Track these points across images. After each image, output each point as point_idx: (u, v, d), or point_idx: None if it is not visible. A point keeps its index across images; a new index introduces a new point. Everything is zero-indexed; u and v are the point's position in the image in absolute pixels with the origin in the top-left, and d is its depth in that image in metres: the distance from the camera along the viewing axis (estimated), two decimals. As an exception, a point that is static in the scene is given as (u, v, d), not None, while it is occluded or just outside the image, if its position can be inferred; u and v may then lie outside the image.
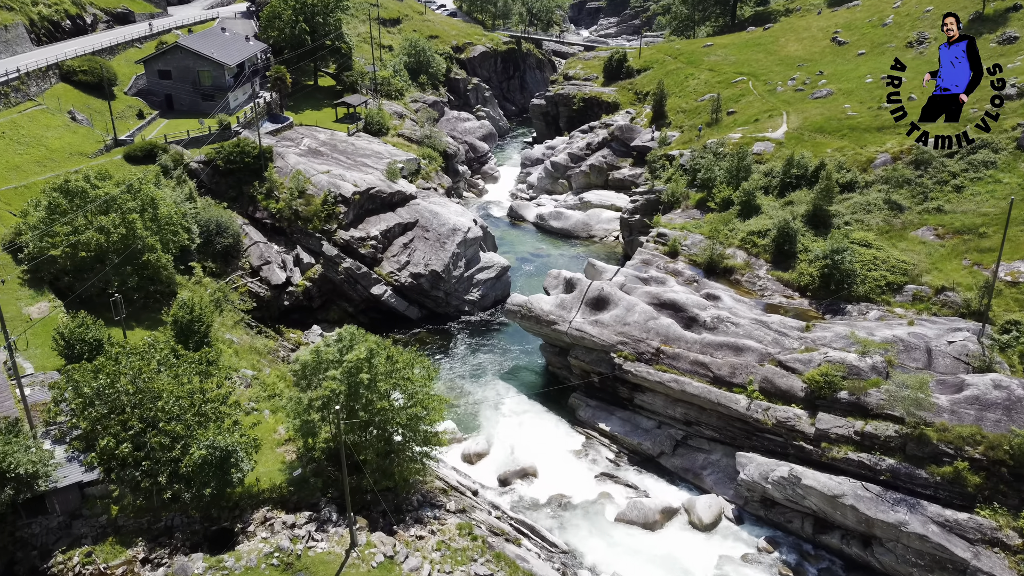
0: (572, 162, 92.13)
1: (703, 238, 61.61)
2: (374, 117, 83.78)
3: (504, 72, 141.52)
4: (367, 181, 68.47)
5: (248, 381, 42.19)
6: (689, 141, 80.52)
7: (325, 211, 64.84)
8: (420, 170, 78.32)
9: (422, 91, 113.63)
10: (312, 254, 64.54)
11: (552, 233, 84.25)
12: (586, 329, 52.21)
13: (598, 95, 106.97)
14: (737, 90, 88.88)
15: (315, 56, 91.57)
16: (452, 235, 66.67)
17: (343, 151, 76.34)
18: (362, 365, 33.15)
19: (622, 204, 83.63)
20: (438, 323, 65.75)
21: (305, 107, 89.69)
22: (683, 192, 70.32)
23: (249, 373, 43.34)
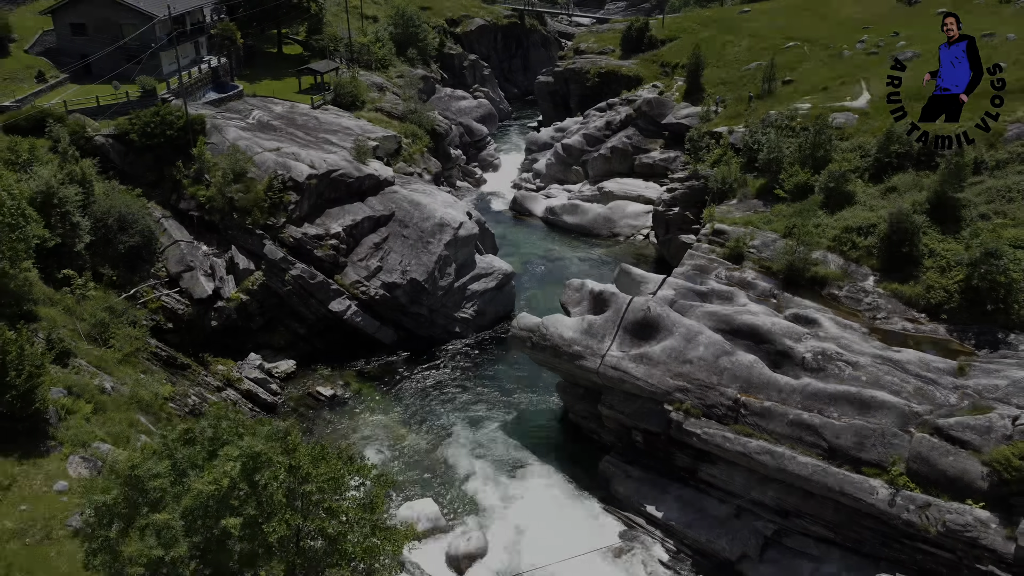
0: (588, 145, 76.07)
1: (777, 236, 45.52)
2: (345, 87, 67.72)
3: (505, 49, 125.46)
4: (329, 162, 52.40)
5: (98, 464, 26.00)
6: (737, 116, 64.42)
7: (270, 200, 48.73)
8: (401, 150, 62.26)
9: (411, 66, 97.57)
10: (252, 257, 48.47)
11: (566, 231, 68.20)
12: (627, 368, 36.18)
13: (616, 69, 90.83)
14: (791, 56, 72.80)
15: (277, 17, 75.53)
16: (439, 232, 50.59)
17: (302, 126, 60.24)
18: (232, 494, 16.56)
19: (652, 195, 67.59)
20: (420, 349, 49.67)
21: (264, 76, 73.56)
22: (738, 177, 54.22)
23: (105, 448, 27.16)
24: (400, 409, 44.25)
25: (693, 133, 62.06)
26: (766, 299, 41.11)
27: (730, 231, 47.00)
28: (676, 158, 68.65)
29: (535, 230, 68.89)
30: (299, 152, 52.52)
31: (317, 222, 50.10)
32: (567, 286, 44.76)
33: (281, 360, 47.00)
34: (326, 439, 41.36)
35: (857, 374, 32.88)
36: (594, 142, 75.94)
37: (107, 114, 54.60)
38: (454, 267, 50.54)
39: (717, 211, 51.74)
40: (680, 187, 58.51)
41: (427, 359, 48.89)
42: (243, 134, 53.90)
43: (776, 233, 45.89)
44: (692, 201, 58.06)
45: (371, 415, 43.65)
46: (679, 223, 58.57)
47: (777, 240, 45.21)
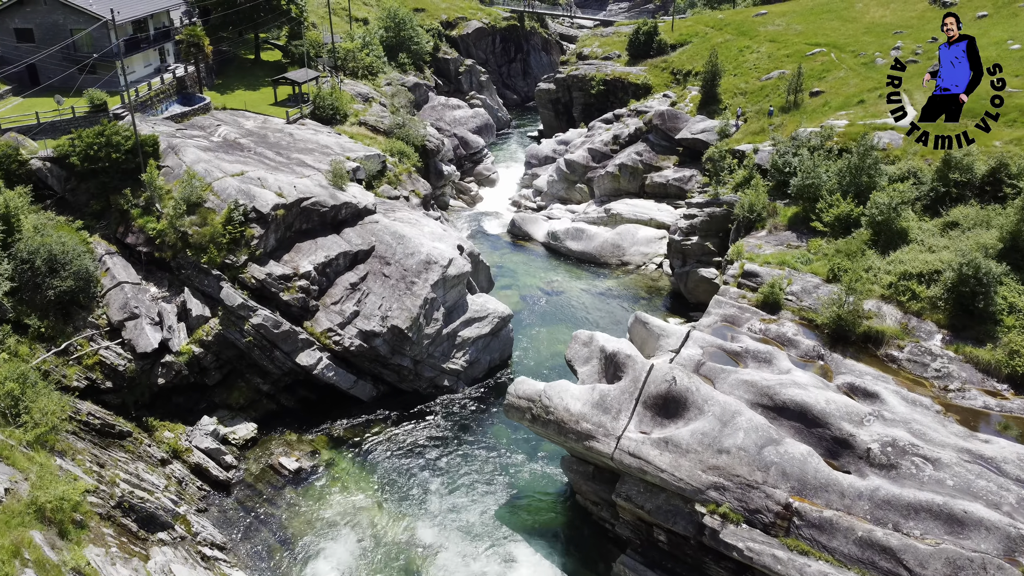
0: (594, 161, 69.42)
1: (819, 281, 38.93)
2: (326, 99, 61.08)
3: (504, 53, 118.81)
4: (300, 188, 45.78)
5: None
6: (762, 132, 57.82)
7: (229, 235, 42.07)
8: (386, 171, 55.60)
9: (402, 72, 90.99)
10: (208, 301, 41.86)
11: (569, 258, 61.56)
12: (648, 456, 29.54)
13: (623, 76, 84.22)
14: (817, 64, 66.15)
15: (254, 20, 68.95)
16: (425, 271, 43.94)
17: (274, 144, 53.60)
18: None
19: (666, 218, 61.00)
20: (402, 406, 43.06)
21: (238, 86, 67.03)
22: (767, 205, 47.68)
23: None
24: (376, 483, 37.64)
25: (713, 152, 55.39)
26: (811, 361, 34.51)
27: (763, 273, 40.37)
28: (692, 177, 62.03)
29: (535, 257, 62.25)
30: (266, 177, 45.88)
31: (285, 259, 43.47)
32: (574, 339, 38.11)
33: (240, 423, 40.40)
34: (285, 526, 34.80)
35: (940, 475, 26.24)
36: (600, 158, 69.30)
37: (51, 133, 48.11)
38: (442, 311, 43.90)
39: (745, 245, 45.15)
40: (699, 214, 51.86)
41: (411, 418, 42.27)
42: (203, 156, 47.26)
43: (817, 277, 39.30)
44: (713, 230, 51.44)
45: (342, 493, 37.02)
46: (698, 254, 51.94)
47: (820, 286, 38.61)
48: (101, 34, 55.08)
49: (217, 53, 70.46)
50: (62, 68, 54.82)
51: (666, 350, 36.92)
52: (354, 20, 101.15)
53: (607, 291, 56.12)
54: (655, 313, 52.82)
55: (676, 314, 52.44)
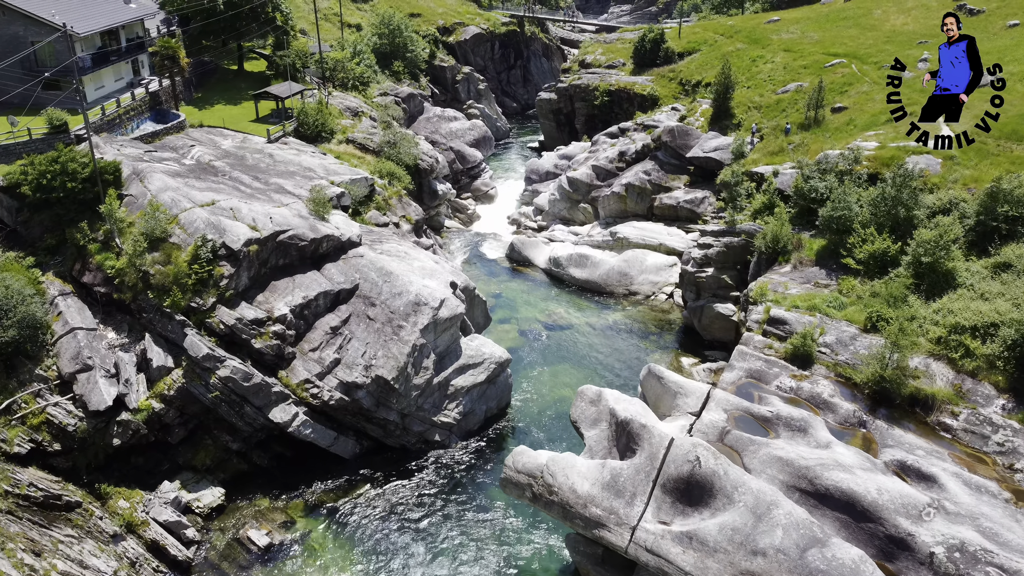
0: (599, 179, 65.12)
1: (856, 331, 34.62)
2: (311, 115, 56.77)
3: (503, 60, 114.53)
4: (277, 219, 41.49)
5: None
6: (781, 152, 53.51)
7: (195, 274, 37.75)
8: (374, 195, 51.27)
9: (396, 81, 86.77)
10: (171, 349, 37.56)
11: (573, 287, 57.19)
12: (669, 554, 25.23)
13: (628, 86, 79.91)
14: (838, 77, 61.81)
15: (237, 29, 64.66)
16: (413, 314, 39.60)
17: (252, 167, 49.30)
18: None
19: (676, 244, 56.68)
20: (388, 464, 38.73)
21: (218, 100, 62.77)
22: (791, 236, 43.38)
23: None
24: (357, 558, 33.34)
25: (729, 176, 51.00)
26: (852, 429, 30.22)
27: (791, 320, 36.04)
28: (704, 199, 57.71)
29: (536, 285, 57.89)
30: (239, 207, 41.57)
31: (258, 300, 39.14)
32: (580, 395, 33.82)
33: (206, 488, 36.08)
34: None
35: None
36: (605, 176, 64.99)
37: (4, 157, 43.89)
38: (433, 358, 39.56)
39: (769, 283, 40.86)
40: (715, 243, 47.53)
41: (398, 477, 37.93)
42: (171, 183, 42.94)
43: (854, 325, 34.99)
44: (731, 262, 47.12)
45: (319, 572, 32.70)
46: (714, 288, 47.62)
47: (857, 336, 34.29)
48: (64, 47, 50.73)
49: (198, 64, 66.28)
50: (22, 84, 50.50)
51: (684, 411, 32.62)
52: (347, 26, 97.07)
53: (614, 325, 51.79)
54: (666, 352, 48.54)
55: (689, 352, 48.15)
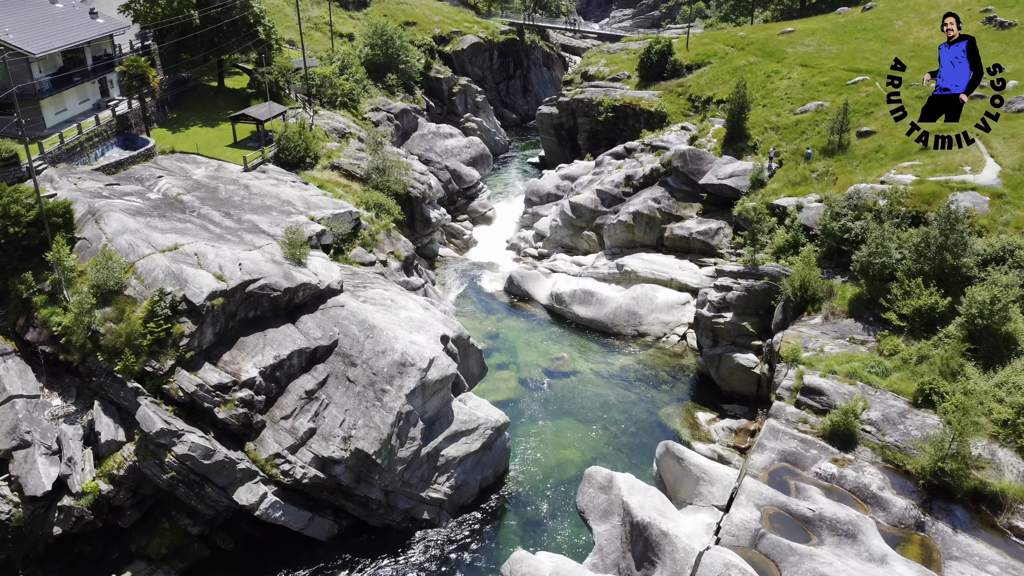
0: (604, 205, 60.67)
1: (905, 405, 30.20)
2: (292, 140, 52.34)
3: (502, 70, 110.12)
4: (248, 265, 37.05)
5: None
6: (804, 181, 49.07)
7: (150, 333, 33.31)
8: (359, 230, 46.83)
9: (389, 95, 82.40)
10: (124, 419, 33.16)
11: (577, 326, 52.71)
12: None
13: (634, 101, 75.53)
14: (862, 96, 57.38)
15: (216, 44, 60.21)
16: (399, 376, 35.15)
17: (224, 200, 44.84)
18: None
19: (689, 279, 52.25)
20: (370, 546, 34.23)
21: (194, 121, 58.34)
22: (821, 283, 38.96)
23: None
24: (333, 670, 28.90)
25: (748, 210, 46.50)
26: (908, 532, 25.79)
27: (828, 389, 31.60)
28: (719, 231, 53.29)
29: (537, 324, 53.41)
30: (206, 252, 37.13)
31: (224, 359, 34.68)
32: (587, 479, 29.51)
33: (160, 581, 31.65)
34: None
35: None
36: (611, 201, 60.55)
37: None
38: (420, 426, 35.10)
39: (798, 337, 36.46)
40: (734, 286, 43.07)
41: (381, 561, 33.46)
42: (131, 223, 38.52)
43: (901, 398, 30.60)
44: (752, 308, 42.66)
45: None
46: (733, 335, 43.17)
47: (906, 412, 29.88)
48: (22, 68, 46.37)
49: (176, 82, 61.88)
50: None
51: (708, 502, 28.28)
52: (338, 36, 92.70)
53: (622, 372, 47.33)
54: (680, 404, 44.11)
55: (706, 405, 43.71)
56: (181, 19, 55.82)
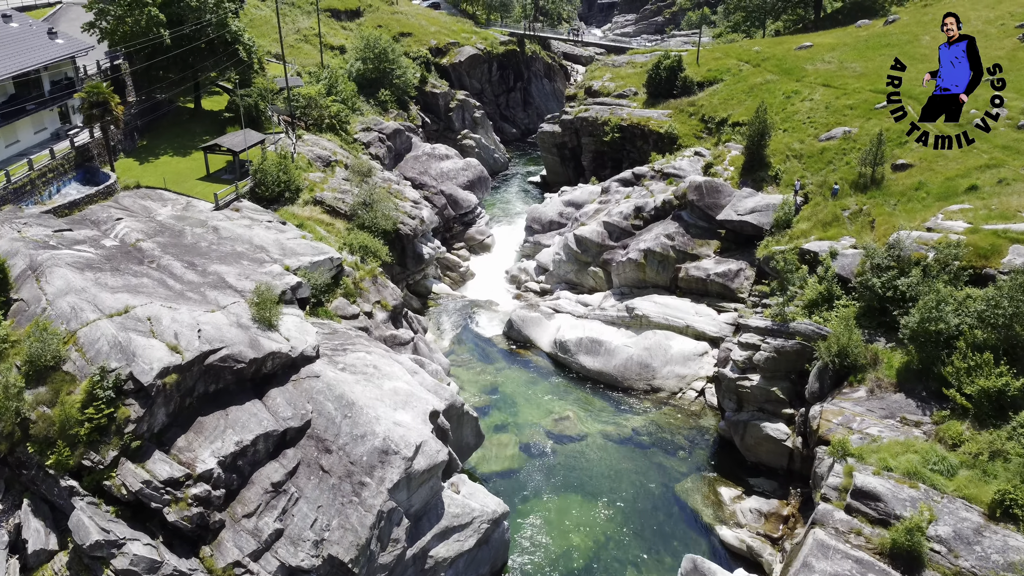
0: (611, 238, 55.87)
1: (980, 518, 25.38)
2: (270, 172, 47.54)
3: (501, 82, 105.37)
4: (209, 331, 32.24)
5: None
6: (834, 222, 44.25)
7: (90, 420, 28.52)
8: (341, 277, 42.02)
9: (382, 112, 77.74)
10: (58, 521, 28.34)
11: (583, 378, 47.92)
12: None
13: (642, 122, 70.76)
14: (894, 123, 52.32)
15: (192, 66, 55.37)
16: (381, 466, 30.33)
17: (189, 247, 40.00)
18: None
19: (707, 327, 47.47)
20: (348, 666, 29.45)
21: (165, 149, 53.54)
22: (861, 348, 34.17)
23: None
24: None
25: (779, 259, 41.57)
26: None
27: (885, 494, 26.78)
28: (739, 272, 48.51)
29: (539, 375, 48.58)
30: (161, 315, 32.33)
31: (179, 446, 29.89)
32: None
33: None
34: None
35: None
36: (619, 235, 55.73)
37: None
38: (406, 524, 30.28)
39: (839, 413, 31.69)
40: (763, 346, 38.24)
41: None
42: (77, 281, 33.73)
43: (975, 508, 25.79)
44: (782, 371, 37.84)
45: None
46: (760, 401, 38.36)
47: (982, 528, 25.07)
48: (-35, 98, 41.63)
49: (151, 107, 57.05)
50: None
51: (748, 640, 23.43)
52: (329, 48, 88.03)
53: (634, 435, 42.55)
54: (700, 476, 39.33)
55: (729, 478, 38.95)
56: (152, 39, 51.02)
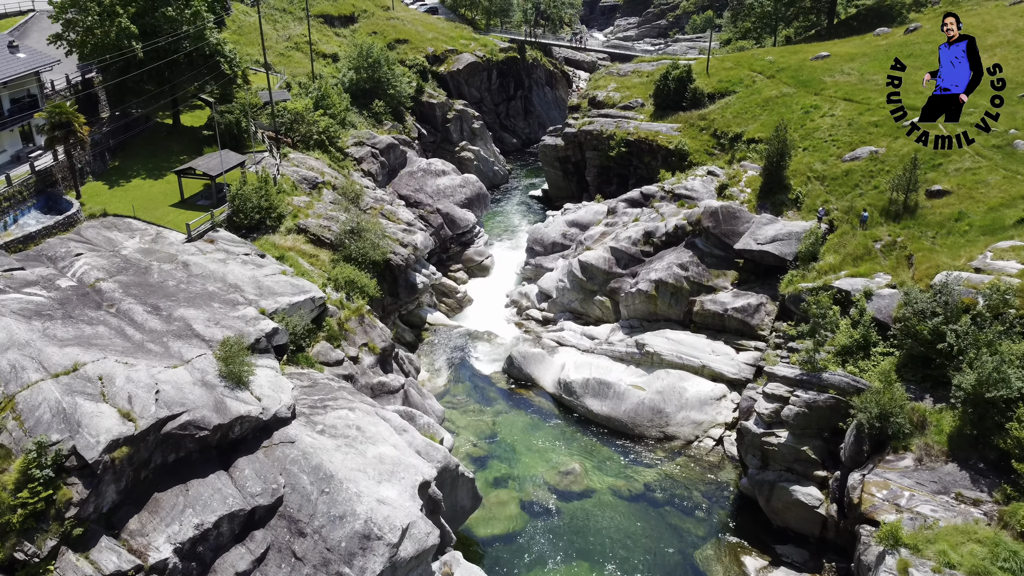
0: (619, 265, 51.98)
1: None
2: (250, 198, 43.66)
3: (501, 90, 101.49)
4: (169, 392, 28.34)
5: None
6: (865, 256, 40.37)
7: (24, 505, 24.63)
8: (325, 318, 38.12)
9: (376, 124, 73.93)
10: (-14, 623, 24.47)
11: (590, 423, 44.04)
12: None
13: (650, 136, 66.90)
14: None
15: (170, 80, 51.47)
16: (362, 552, 26.46)
17: (155, 287, 36.08)
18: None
19: (725, 367, 43.61)
20: None
21: (138, 171, 49.66)
22: (909, 412, 30.30)
23: None
24: None
25: (811, 303, 37.43)
26: None
27: (951, 599, 22.87)
28: (760, 307, 44.64)
29: (542, 418, 44.69)
30: (114, 373, 28.46)
31: (131, 528, 26.03)
32: None
33: None
34: None
35: None
36: (627, 262, 51.84)
37: None
38: (391, 620, 26.44)
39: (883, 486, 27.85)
40: (793, 399, 34.30)
41: None
42: (21, 332, 29.87)
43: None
44: (813, 428, 33.93)
45: None
46: (789, 460, 34.45)
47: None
48: (-90, 120, 37.78)
49: (128, 123, 53.14)
50: None
51: None
52: (322, 56, 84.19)
53: (647, 491, 38.66)
54: (721, 542, 35.43)
55: (754, 544, 35.09)
56: (123, 52, 47.17)
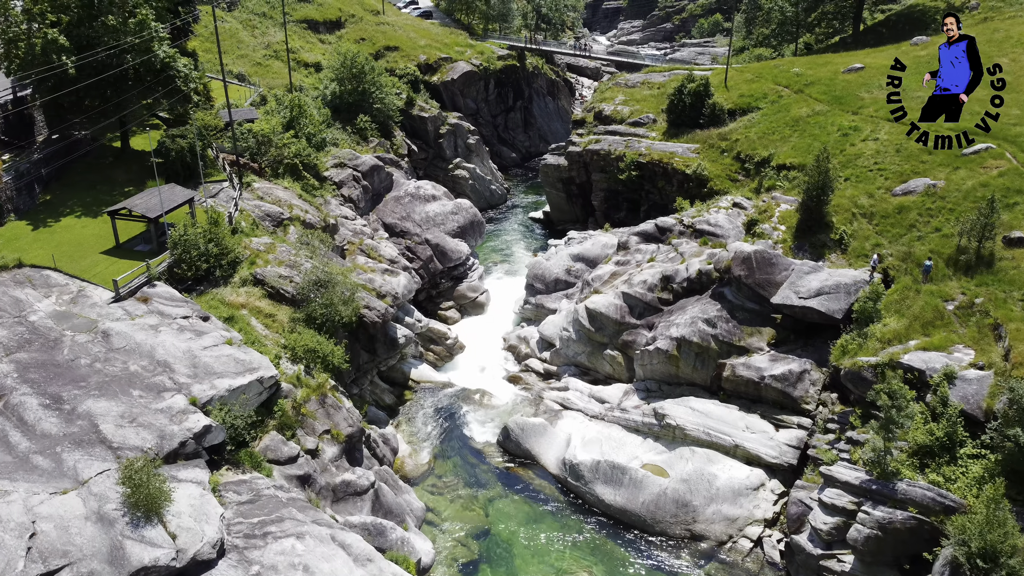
0: (632, 314, 44.81)
1: None
2: (196, 244, 36.42)
3: (499, 101, 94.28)
4: (48, 537, 21.23)
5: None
6: (938, 322, 33.19)
7: None
8: (277, 400, 30.87)
9: (360, 142, 66.77)
10: None
11: (600, 515, 36.83)
12: None
13: (665, 158, 59.73)
14: (993, 176, 41.50)
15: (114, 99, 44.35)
16: None
17: (62, 370, 28.84)
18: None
19: (763, 450, 36.38)
20: None
21: (73, 207, 42.52)
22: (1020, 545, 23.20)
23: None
24: None
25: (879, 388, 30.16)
26: None
27: None
28: (804, 375, 37.44)
29: (545, 510, 37.41)
30: (-22, 509, 21.30)
31: None
32: None
33: None
34: None
35: None
36: (643, 310, 44.70)
37: None
38: None
39: None
40: (860, 514, 27.13)
41: None
42: None
43: None
44: (888, 553, 26.78)
45: None
46: (855, 592, 27.29)
47: None
48: None
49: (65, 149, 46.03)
50: None
51: None
52: (303, 66, 77.20)
53: (672, 613, 31.50)
54: None
55: None
56: (52, 67, 40.12)
